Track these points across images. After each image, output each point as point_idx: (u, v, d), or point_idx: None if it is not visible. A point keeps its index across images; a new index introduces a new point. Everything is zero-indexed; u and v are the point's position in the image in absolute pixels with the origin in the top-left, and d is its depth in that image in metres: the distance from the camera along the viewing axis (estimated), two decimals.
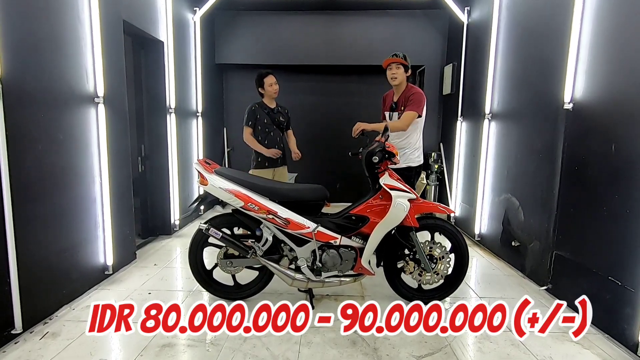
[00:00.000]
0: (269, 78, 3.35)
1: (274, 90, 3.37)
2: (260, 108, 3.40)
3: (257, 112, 3.37)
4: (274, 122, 3.42)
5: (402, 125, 2.86)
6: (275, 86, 3.37)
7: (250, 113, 3.36)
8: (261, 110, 3.39)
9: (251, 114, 3.36)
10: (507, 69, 3.56)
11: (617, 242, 2.16)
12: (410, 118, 2.87)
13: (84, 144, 2.66)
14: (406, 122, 2.87)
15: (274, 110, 3.45)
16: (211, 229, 2.40)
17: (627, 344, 2.08)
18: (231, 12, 5.27)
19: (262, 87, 3.37)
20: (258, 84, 3.39)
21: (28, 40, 2.17)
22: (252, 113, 3.36)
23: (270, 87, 3.35)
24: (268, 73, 3.37)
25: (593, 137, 2.40)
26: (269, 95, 3.39)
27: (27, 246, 2.15)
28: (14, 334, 2.10)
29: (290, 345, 2.11)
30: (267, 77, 3.35)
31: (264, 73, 3.38)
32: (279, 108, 3.50)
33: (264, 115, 3.38)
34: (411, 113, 2.87)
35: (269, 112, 3.41)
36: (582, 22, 2.52)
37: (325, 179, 5.69)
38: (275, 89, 3.39)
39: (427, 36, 5.22)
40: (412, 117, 2.87)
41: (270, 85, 3.35)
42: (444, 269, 2.55)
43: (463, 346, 2.13)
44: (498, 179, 3.67)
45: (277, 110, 3.48)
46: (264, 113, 3.38)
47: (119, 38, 3.08)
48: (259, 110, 3.38)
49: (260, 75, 3.38)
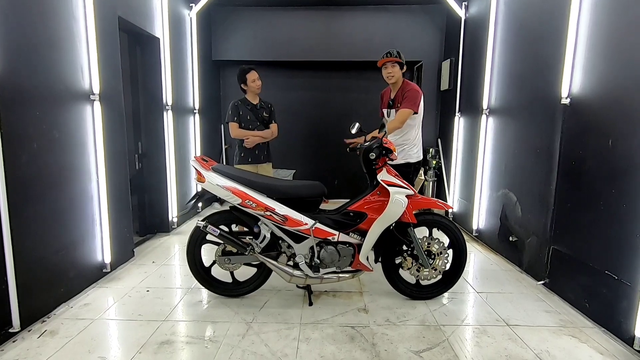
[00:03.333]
0: (252, 74, 3.28)
1: (256, 86, 3.31)
2: (243, 104, 3.34)
3: (240, 109, 3.32)
4: (257, 118, 3.36)
5: (398, 124, 2.88)
6: (258, 82, 3.31)
7: (233, 109, 3.30)
8: (244, 107, 3.33)
9: (234, 110, 3.30)
10: (504, 64, 3.56)
11: (613, 236, 2.17)
12: (406, 115, 2.88)
13: (80, 141, 2.65)
14: (401, 119, 2.88)
15: (257, 106, 3.38)
16: (209, 226, 2.40)
17: (623, 338, 2.09)
18: (228, 7, 5.23)
19: (245, 83, 3.31)
20: (240, 80, 3.32)
21: (22, 37, 2.15)
22: (235, 109, 3.30)
23: (253, 83, 3.29)
24: (250, 69, 3.30)
25: (590, 132, 2.41)
26: (252, 91, 3.33)
27: (25, 244, 2.14)
28: (12, 333, 2.10)
29: (288, 341, 2.11)
30: (249, 72, 3.28)
31: (246, 69, 3.30)
32: (262, 104, 3.43)
33: (247, 112, 3.32)
34: (406, 110, 2.88)
35: (252, 108, 3.35)
36: (579, 18, 2.52)
37: (323, 176, 5.70)
38: (258, 85, 3.32)
39: (424, 31, 5.20)
40: (407, 115, 2.89)
41: (253, 81, 3.29)
42: (442, 264, 2.56)
43: (460, 341, 2.14)
44: (496, 175, 3.67)
45: (260, 106, 3.40)
46: (247, 109, 3.33)
47: (114, 34, 3.06)
48: (241, 107, 3.33)
49: (242, 71, 3.31)
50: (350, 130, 2.61)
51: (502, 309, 2.50)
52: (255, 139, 3.29)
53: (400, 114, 2.89)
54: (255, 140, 3.30)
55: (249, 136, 3.27)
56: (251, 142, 3.28)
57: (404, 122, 2.89)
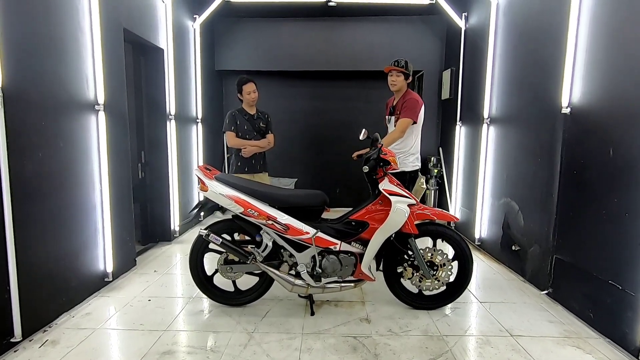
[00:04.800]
0: (248, 86, 3.29)
1: (251, 98, 3.31)
2: (241, 114, 3.35)
3: (237, 118, 3.32)
4: (254, 128, 3.37)
5: (398, 133, 2.91)
6: (253, 94, 3.31)
7: (230, 118, 3.31)
8: (241, 117, 3.34)
9: (232, 119, 3.31)
10: (505, 73, 3.58)
11: (616, 245, 2.16)
12: (405, 125, 2.93)
13: (84, 150, 2.67)
14: (401, 128, 2.91)
15: (254, 116, 3.39)
16: (211, 235, 2.40)
17: (628, 349, 2.07)
18: (231, 19, 5.31)
19: (241, 93, 3.33)
20: (238, 90, 3.34)
21: (29, 48, 2.19)
22: (233, 118, 3.31)
23: (248, 95, 3.30)
24: (249, 80, 3.31)
25: (591, 141, 2.41)
26: (247, 102, 3.35)
27: (27, 253, 2.15)
28: (14, 342, 2.09)
29: (290, 351, 2.10)
30: (246, 84, 3.29)
31: (243, 80, 3.31)
32: (259, 114, 3.44)
33: (244, 122, 3.33)
34: (406, 120, 2.93)
35: (249, 118, 3.36)
36: (578, 27, 2.55)
37: (325, 184, 5.71)
38: (254, 97, 3.32)
39: (425, 42, 5.26)
40: (406, 124, 2.93)
41: (248, 93, 3.30)
42: (445, 276, 2.53)
43: (464, 351, 2.12)
44: (497, 183, 3.68)
45: (257, 116, 3.41)
46: (244, 119, 3.34)
47: (119, 46, 3.11)
48: (239, 117, 3.33)
49: (240, 81, 3.32)
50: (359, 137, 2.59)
51: (505, 319, 2.48)
52: (252, 149, 3.30)
53: (400, 123, 2.93)
54: (253, 150, 3.31)
55: (247, 146, 3.29)
56: (249, 151, 3.29)
57: (404, 131, 2.92)
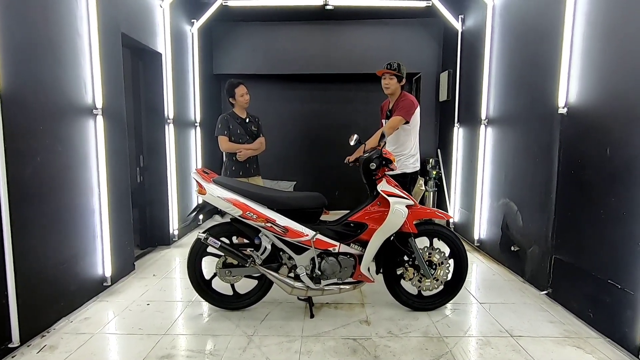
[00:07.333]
0: (240, 88, 3.28)
1: (244, 100, 3.31)
2: (233, 118, 3.34)
3: (230, 122, 3.30)
4: (246, 132, 3.36)
5: (388, 129, 2.89)
6: (246, 96, 3.31)
7: (223, 122, 3.29)
8: (233, 121, 3.33)
9: (224, 123, 3.29)
10: (502, 75, 3.60)
11: (615, 244, 2.17)
12: (396, 122, 2.92)
13: (82, 155, 2.67)
14: (391, 125, 2.91)
15: (245, 120, 3.39)
16: (210, 238, 2.40)
17: (628, 348, 2.07)
18: (228, 23, 5.33)
19: (233, 97, 3.31)
20: (229, 93, 3.32)
21: (27, 52, 2.19)
22: (225, 122, 3.29)
23: (241, 97, 3.29)
24: (239, 83, 3.30)
25: (588, 141, 2.42)
26: (240, 105, 3.33)
27: (25, 258, 2.14)
28: (11, 348, 2.08)
29: (290, 354, 2.09)
30: (238, 87, 3.28)
31: (235, 83, 3.30)
32: (250, 117, 3.43)
33: (236, 126, 3.32)
34: (397, 118, 2.93)
35: (241, 122, 3.35)
36: (573, 28, 2.56)
37: (324, 187, 5.70)
38: (247, 99, 3.32)
39: (422, 44, 5.28)
40: (397, 122, 2.92)
41: (241, 95, 3.29)
42: (443, 274, 2.54)
43: (464, 352, 2.12)
44: (496, 184, 3.68)
45: (249, 120, 3.41)
46: (236, 123, 3.33)
47: (117, 50, 3.12)
48: (231, 121, 3.32)
49: (231, 85, 3.31)
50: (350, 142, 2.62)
51: (505, 320, 2.48)
52: (247, 152, 3.29)
53: (391, 120, 2.94)
54: (248, 153, 3.30)
55: (242, 149, 3.29)
56: (244, 155, 3.28)
57: (394, 128, 2.93)
